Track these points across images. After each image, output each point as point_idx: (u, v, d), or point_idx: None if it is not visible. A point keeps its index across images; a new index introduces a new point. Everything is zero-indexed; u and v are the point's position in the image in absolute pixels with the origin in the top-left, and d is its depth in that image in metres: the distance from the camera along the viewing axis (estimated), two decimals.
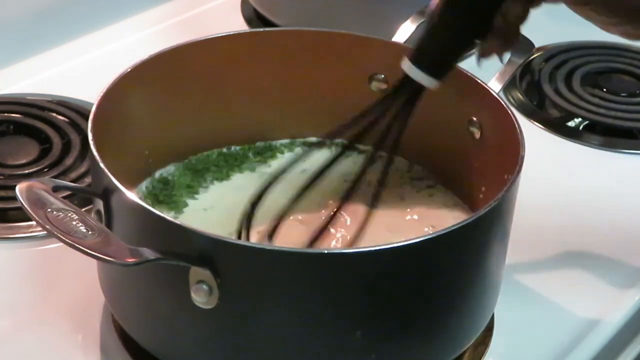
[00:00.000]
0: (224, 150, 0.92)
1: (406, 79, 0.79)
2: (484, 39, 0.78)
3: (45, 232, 0.85)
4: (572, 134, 1.11)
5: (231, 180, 0.90)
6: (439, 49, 0.78)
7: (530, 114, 1.13)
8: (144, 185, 0.88)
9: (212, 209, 0.87)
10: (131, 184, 0.85)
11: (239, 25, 1.24)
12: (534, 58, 1.20)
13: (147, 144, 0.87)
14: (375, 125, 0.80)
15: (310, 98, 0.92)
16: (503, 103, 0.82)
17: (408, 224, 0.86)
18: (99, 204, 0.74)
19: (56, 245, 0.87)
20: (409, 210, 0.87)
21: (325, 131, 0.85)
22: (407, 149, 0.91)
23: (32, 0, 1.15)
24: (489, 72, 0.86)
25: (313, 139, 0.93)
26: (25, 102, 1.06)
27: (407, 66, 0.78)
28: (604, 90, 1.17)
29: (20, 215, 0.91)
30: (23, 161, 0.99)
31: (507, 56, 0.83)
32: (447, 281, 0.74)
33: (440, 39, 0.78)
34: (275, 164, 0.92)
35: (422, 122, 0.89)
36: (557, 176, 1.04)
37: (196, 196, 0.88)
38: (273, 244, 0.77)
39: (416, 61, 0.78)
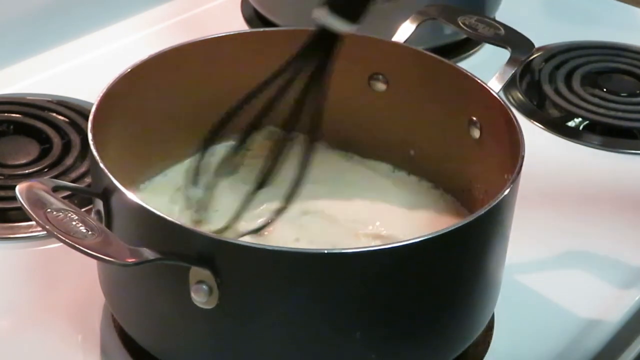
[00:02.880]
0: None
1: (320, 33, 0.75)
2: None
3: (45, 232, 0.85)
4: (572, 134, 1.11)
5: None
6: None
7: (530, 114, 1.13)
8: None
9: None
10: (131, 184, 0.85)
11: (239, 25, 1.24)
12: (534, 58, 1.20)
13: (147, 144, 0.87)
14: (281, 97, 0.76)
15: None
16: (503, 103, 0.81)
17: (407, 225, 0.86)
18: (99, 204, 0.74)
19: (56, 245, 0.87)
20: (407, 210, 0.87)
21: (324, 130, 0.84)
22: (407, 149, 0.91)
23: (32, 0, 1.15)
24: (489, 72, 0.86)
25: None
26: (25, 102, 1.06)
27: (321, 15, 0.74)
28: (604, 90, 1.17)
29: (20, 215, 0.91)
30: (23, 161, 0.99)
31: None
32: (447, 281, 0.74)
33: None
34: None
35: (421, 122, 0.89)
36: (557, 176, 1.04)
37: None
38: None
39: (332, 7, 0.74)
